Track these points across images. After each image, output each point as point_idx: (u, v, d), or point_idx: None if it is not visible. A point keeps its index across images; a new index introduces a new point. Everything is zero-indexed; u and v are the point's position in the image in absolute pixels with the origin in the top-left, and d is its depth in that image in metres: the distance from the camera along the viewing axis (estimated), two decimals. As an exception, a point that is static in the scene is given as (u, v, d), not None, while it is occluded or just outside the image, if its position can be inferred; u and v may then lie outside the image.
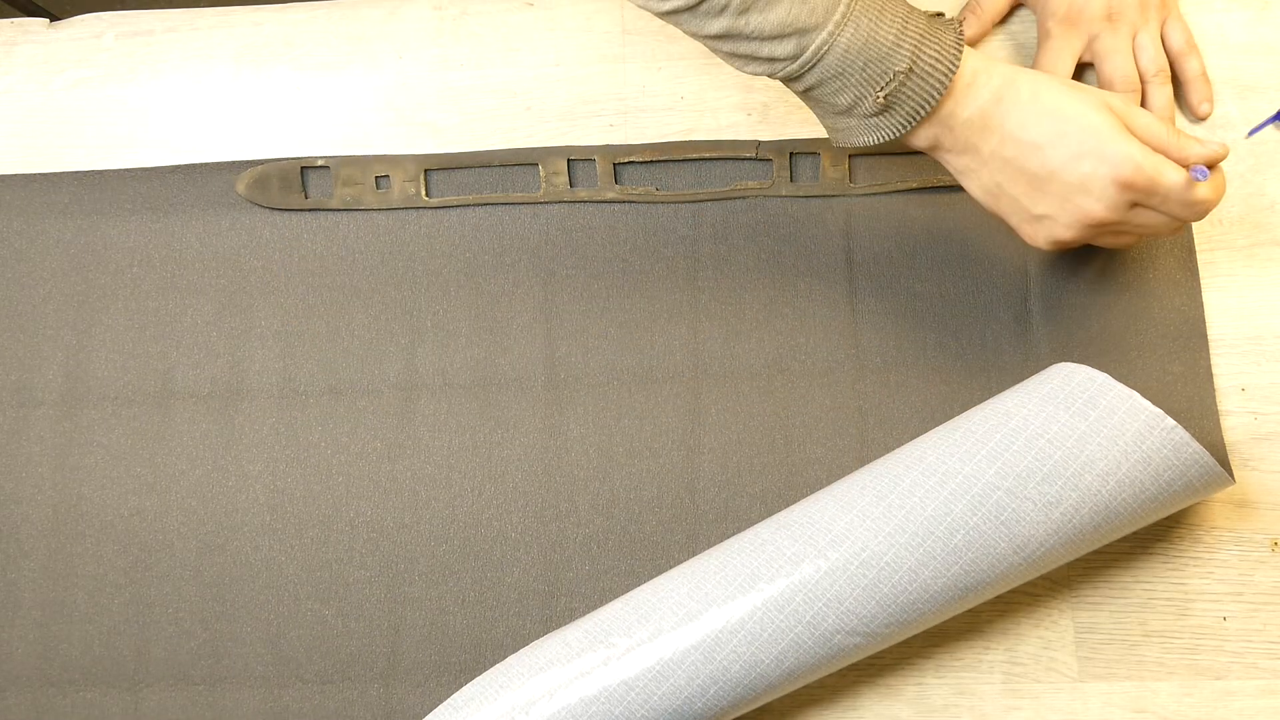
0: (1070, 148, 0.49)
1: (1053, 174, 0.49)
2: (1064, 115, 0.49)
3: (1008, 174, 0.50)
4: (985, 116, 0.50)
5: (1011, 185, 0.51)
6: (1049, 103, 0.49)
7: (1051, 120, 0.49)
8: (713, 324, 0.59)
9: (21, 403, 0.60)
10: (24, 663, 0.57)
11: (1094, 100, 0.50)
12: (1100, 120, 0.49)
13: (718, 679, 0.48)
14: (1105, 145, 0.48)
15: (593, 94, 0.63)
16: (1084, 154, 0.49)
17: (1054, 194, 0.50)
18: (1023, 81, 0.50)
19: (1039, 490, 0.47)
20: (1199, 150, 0.49)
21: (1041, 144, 0.49)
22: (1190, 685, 0.54)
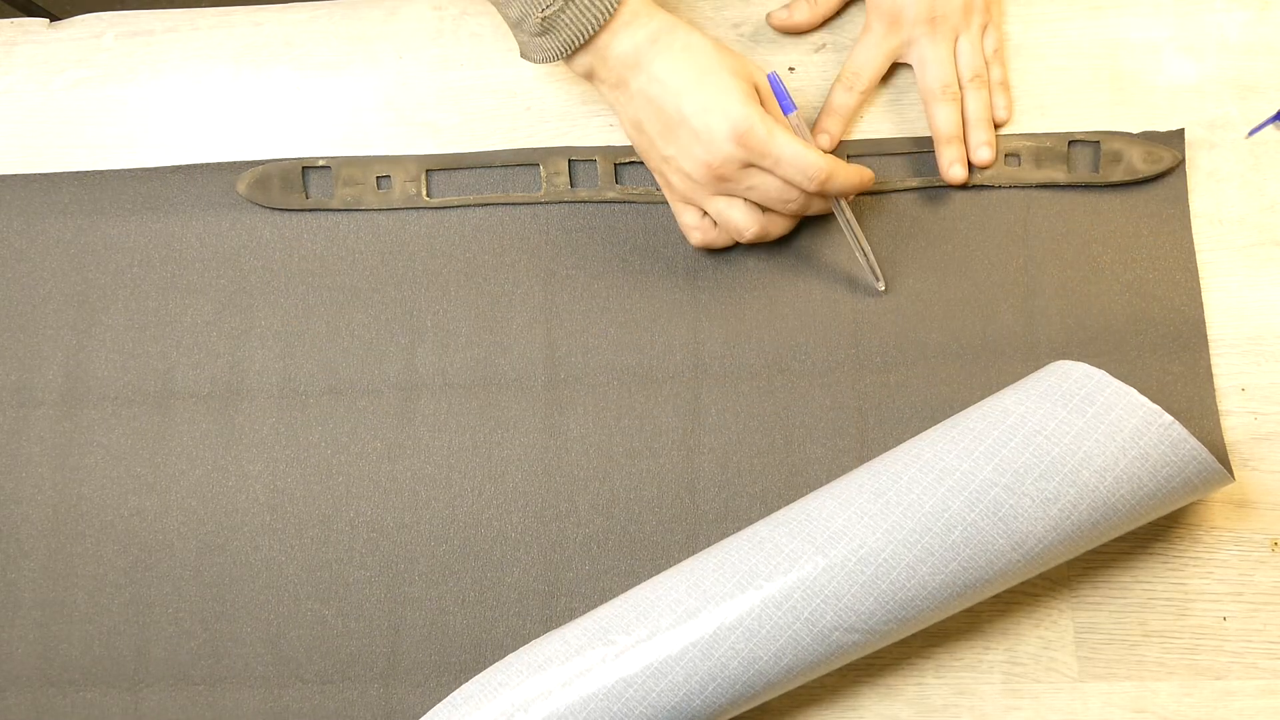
0: (702, 99, 0.53)
1: (683, 119, 0.54)
2: (706, 69, 0.54)
3: (648, 112, 0.55)
4: (638, 54, 0.54)
5: (649, 123, 0.55)
6: (697, 56, 0.54)
7: (694, 71, 0.54)
8: (713, 324, 0.59)
9: (21, 403, 0.61)
10: (24, 663, 0.58)
11: (740, 69, 0.54)
12: (736, 85, 0.53)
13: (716, 676, 0.48)
14: (731, 104, 0.53)
15: (593, 94, 0.63)
16: (711, 108, 0.53)
17: (680, 138, 0.54)
18: (680, 32, 0.55)
19: (1036, 486, 0.47)
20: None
21: (680, 90, 0.54)
22: (1190, 685, 0.54)
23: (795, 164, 0.53)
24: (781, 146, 0.53)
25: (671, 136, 0.54)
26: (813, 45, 0.63)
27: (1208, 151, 0.60)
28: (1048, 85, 0.61)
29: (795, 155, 0.53)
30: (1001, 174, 0.60)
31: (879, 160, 0.61)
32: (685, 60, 0.54)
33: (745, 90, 0.54)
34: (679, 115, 0.53)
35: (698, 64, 0.54)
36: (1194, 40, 0.61)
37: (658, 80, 0.54)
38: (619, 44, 0.54)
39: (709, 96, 0.53)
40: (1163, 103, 0.61)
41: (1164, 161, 0.59)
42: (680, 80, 0.54)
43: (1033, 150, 0.60)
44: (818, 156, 0.53)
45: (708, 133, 0.53)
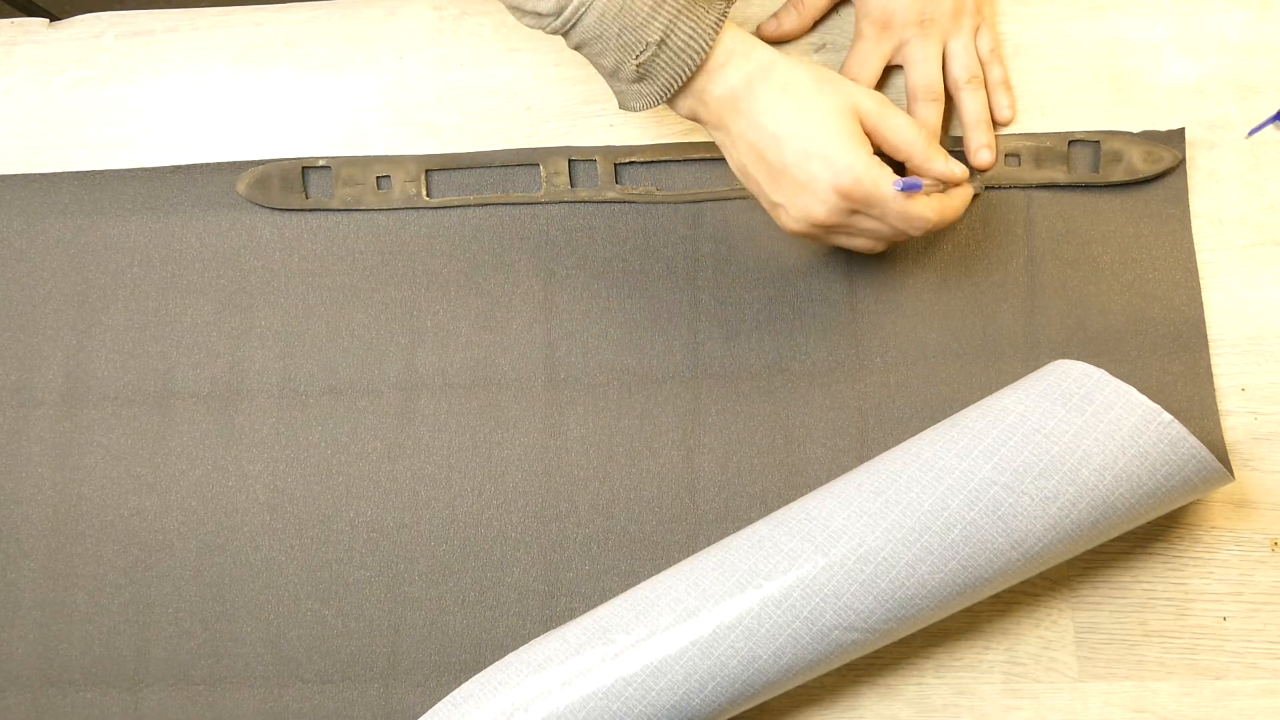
0: (802, 146, 0.51)
1: (785, 167, 0.52)
2: (804, 111, 0.51)
3: (751, 157, 0.53)
4: (735, 98, 0.52)
5: (754, 168, 0.53)
6: (795, 96, 0.52)
7: (793, 115, 0.51)
8: (713, 324, 0.59)
9: (21, 403, 0.61)
10: (24, 663, 0.58)
11: (841, 102, 0.52)
12: (838, 124, 0.51)
13: (715, 675, 0.48)
14: (832, 151, 0.51)
15: (593, 94, 0.63)
16: (813, 155, 0.51)
17: (785, 186, 0.52)
18: (777, 70, 0.52)
19: (1036, 485, 0.48)
20: (940, 166, 0.53)
21: (780, 136, 0.51)
22: (1190, 685, 0.54)
23: (902, 218, 0.52)
24: (886, 202, 0.51)
25: (777, 185, 0.53)
26: (812, 45, 0.63)
27: (1208, 151, 0.60)
28: (1048, 85, 0.61)
29: (901, 211, 0.52)
30: (1001, 174, 0.60)
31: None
32: (784, 103, 0.51)
33: (847, 131, 0.51)
34: (781, 164, 0.52)
35: (797, 105, 0.51)
36: (1194, 40, 0.61)
37: (757, 125, 0.52)
38: (716, 87, 0.52)
39: (810, 142, 0.51)
40: (1163, 103, 0.61)
41: (1164, 161, 0.59)
42: (780, 125, 0.51)
43: (1033, 150, 0.60)
44: (923, 208, 0.52)
45: (811, 183, 0.51)
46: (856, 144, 0.51)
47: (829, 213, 0.52)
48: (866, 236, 0.54)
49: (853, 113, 0.52)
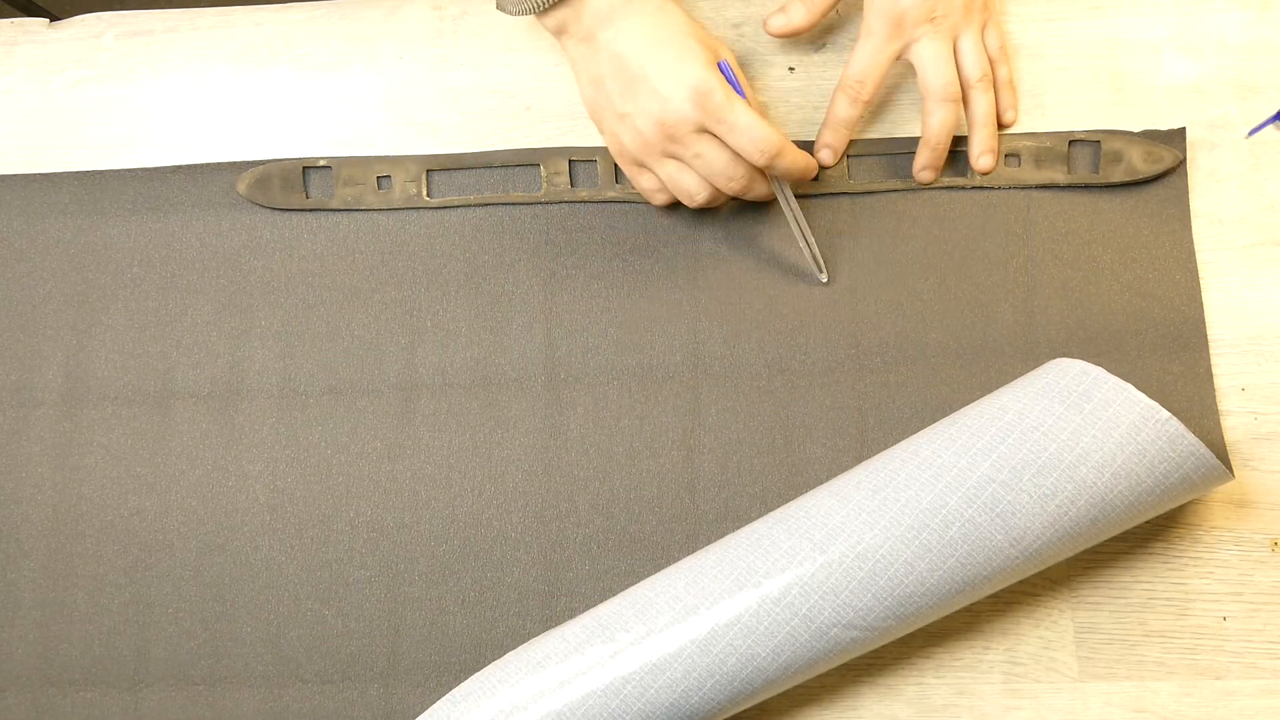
0: (668, 59, 0.54)
1: (645, 76, 0.54)
2: (675, 33, 0.55)
3: (611, 67, 0.55)
4: (612, 9, 0.55)
5: (610, 79, 0.56)
6: (668, 19, 0.55)
7: (663, 32, 0.55)
8: (713, 324, 0.60)
9: (21, 403, 0.61)
10: (24, 663, 0.58)
11: (707, 40, 0.56)
12: (702, 52, 0.55)
13: (714, 673, 0.48)
14: (695, 67, 0.54)
15: (593, 94, 0.64)
16: (674, 68, 0.54)
17: (640, 95, 0.55)
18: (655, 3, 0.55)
19: (1034, 482, 0.48)
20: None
21: (646, 48, 0.55)
22: (1190, 685, 0.54)
23: (748, 134, 0.54)
24: (737, 114, 0.54)
25: (631, 93, 0.55)
26: (813, 45, 0.64)
27: (1208, 151, 0.60)
28: (1048, 85, 0.62)
29: (749, 125, 0.54)
30: (1001, 174, 0.60)
31: (879, 160, 0.61)
32: (657, 21, 0.55)
33: (709, 58, 0.55)
34: (642, 72, 0.54)
35: (668, 26, 0.55)
36: (1194, 40, 0.62)
37: (626, 35, 0.55)
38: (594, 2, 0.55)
39: (675, 57, 0.54)
40: (1163, 103, 0.61)
41: (1164, 161, 0.59)
42: (649, 39, 0.54)
43: (1033, 150, 0.60)
44: (771, 130, 0.54)
45: (668, 90, 0.54)
46: (716, 71, 0.55)
47: (678, 120, 0.54)
48: (701, 164, 0.56)
49: (716, 54, 0.56)
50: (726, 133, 0.54)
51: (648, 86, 0.54)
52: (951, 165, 0.61)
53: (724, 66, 0.56)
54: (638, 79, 0.55)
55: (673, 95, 0.54)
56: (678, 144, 0.55)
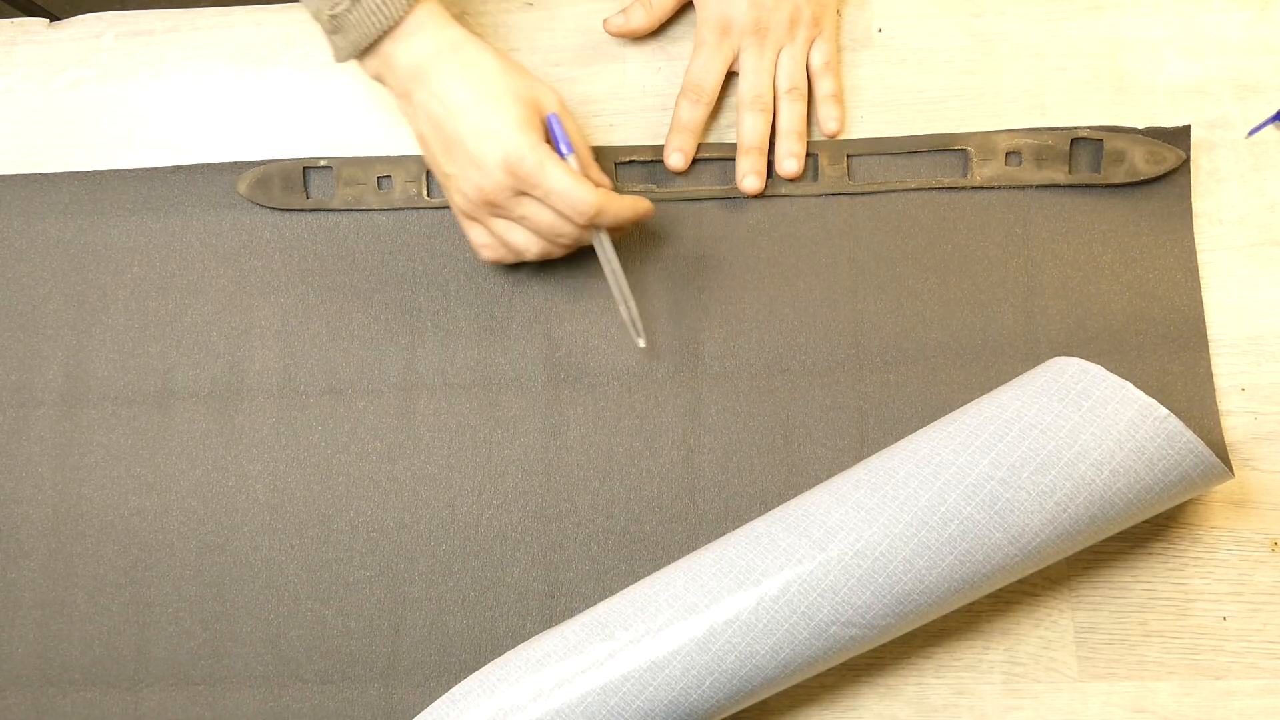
0: (478, 123, 0.53)
1: (459, 141, 0.54)
2: (487, 91, 0.54)
3: (430, 127, 0.55)
4: (420, 68, 0.54)
5: (431, 139, 0.55)
6: (480, 76, 0.54)
7: (475, 91, 0.54)
8: (713, 324, 0.60)
9: (21, 403, 0.61)
10: (24, 663, 0.58)
11: (523, 94, 0.54)
12: (515, 109, 0.53)
13: (713, 670, 0.48)
14: (506, 130, 0.53)
15: (593, 94, 0.64)
16: (485, 133, 0.53)
17: (457, 159, 0.54)
18: (468, 49, 0.54)
19: (1033, 480, 0.48)
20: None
21: (458, 110, 0.53)
22: (1190, 685, 0.55)
23: (564, 198, 0.53)
24: (552, 179, 0.53)
25: (450, 156, 0.54)
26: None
27: (1208, 151, 0.60)
28: (1048, 85, 0.62)
29: (565, 189, 0.53)
30: (1002, 174, 0.60)
31: (879, 160, 0.62)
32: (467, 79, 0.54)
33: (523, 117, 0.54)
34: (455, 136, 0.54)
35: (480, 84, 0.54)
36: (1194, 40, 0.62)
37: (438, 97, 0.54)
38: (403, 54, 0.54)
39: (485, 120, 0.53)
40: (1163, 102, 0.61)
41: (1167, 162, 0.59)
42: (460, 99, 0.53)
43: (1034, 148, 0.60)
44: (588, 192, 0.53)
45: (481, 158, 0.53)
46: (528, 128, 0.53)
47: (495, 187, 0.53)
48: (529, 225, 0.55)
49: (532, 103, 0.55)
50: (544, 197, 0.54)
51: (463, 151, 0.54)
52: (949, 165, 0.61)
53: (552, 121, 0.56)
54: (453, 143, 0.54)
55: (485, 163, 0.53)
56: (500, 208, 0.55)
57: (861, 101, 0.63)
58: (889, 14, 0.64)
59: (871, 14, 0.64)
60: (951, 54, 0.63)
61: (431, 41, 0.54)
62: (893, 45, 0.63)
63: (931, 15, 0.63)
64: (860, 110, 0.63)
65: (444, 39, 0.54)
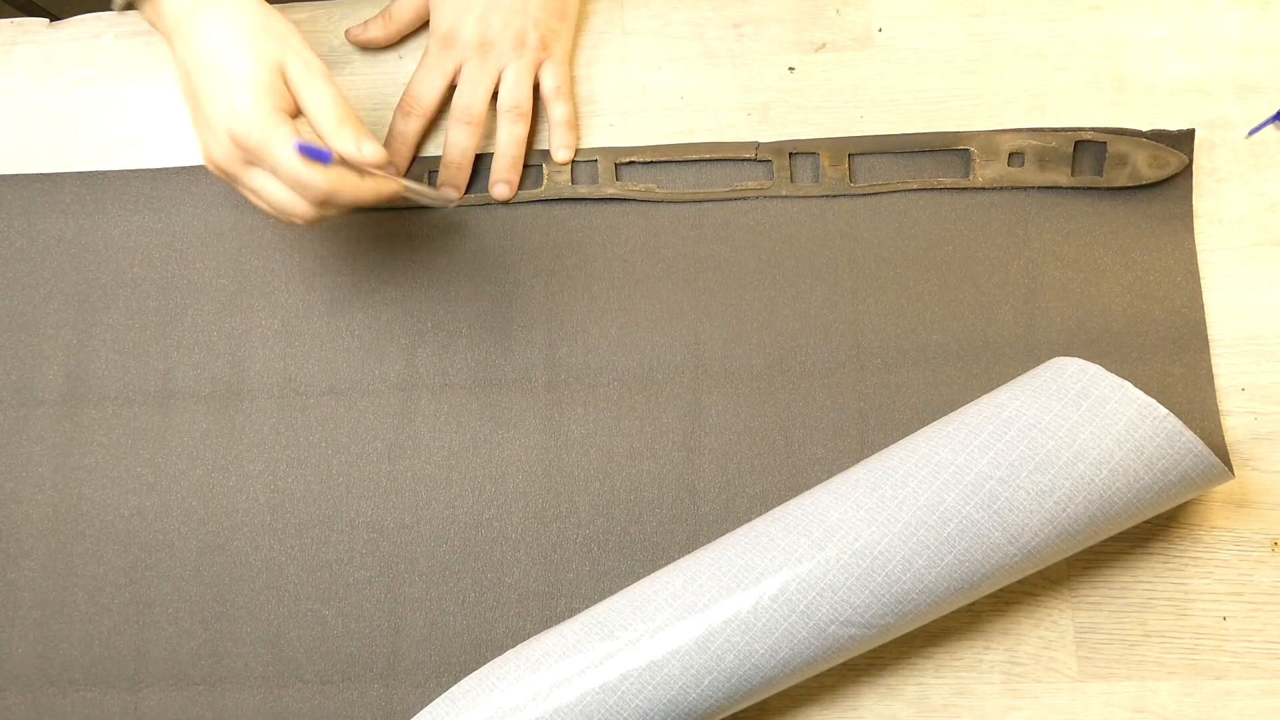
0: (215, 84, 0.51)
1: (199, 99, 0.52)
2: (232, 51, 0.51)
3: (183, 80, 0.53)
4: (180, 19, 0.52)
5: (183, 91, 0.54)
6: (231, 34, 0.51)
7: (220, 51, 0.51)
8: (713, 324, 0.60)
9: (21, 403, 0.61)
10: (24, 663, 0.58)
11: (270, 54, 0.51)
12: (256, 73, 0.51)
13: (711, 669, 0.48)
14: (238, 96, 0.50)
15: (593, 94, 0.64)
16: (220, 96, 0.51)
17: (197, 118, 0.53)
18: (227, 5, 0.52)
19: (1031, 479, 0.48)
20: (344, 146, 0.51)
21: (202, 67, 0.51)
22: (1190, 685, 0.55)
23: (292, 176, 0.50)
24: (278, 157, 0.50)
25: (193, 113, 0.53)
26: (813, 45, 0.64)
27: (1208, 151, 0.61)
28: (1048, 85, 0.62)
29: (291, 167, 0.50)
30: (1004, 175, 0.61)
31: (879, 159, 0.62)
32: (218, 36, 0.51)
33: (262, 81, 0.51)
34: (194, 94, 0.52)
35: (226, 42, 0.51)
36: (1194, 40, 0.62)
37: (189, 50, 0.52)
38: (169, 5, 0.53)
39: (220, 81, 0.51)
40: (1163, 102, 0.62)
41: (1170, 167, 0.59)
42: (203, 57, 0.51)
43: (1037, 150, 0.61)
44: (316, 173, 0.50)
45: (212, 121, 0.51)
46: (263, 95, 0.50)
47: (224, 155, 0.51)
48: (263, 195, 0.52)
49: (277, 68, 0.52)
50: (273, 172, 0.51)
51: (199, 112, 0.52)
52: (951, 166, 0.62)
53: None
54: (194, 101, 0.52)
55: (215, 128, 0.51)
56: (233, 176, 0.53)
57: (861, 101, 0.63)
58: (889, 14, 0.64)
59: (871, 14, 0.64)
60: (951, 54, 0.63)
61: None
62: (893, 45, 0.64)
63: (931, 15, 0.64)
64: (860, 110, 0.63)
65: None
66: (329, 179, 0.51)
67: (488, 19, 0.61)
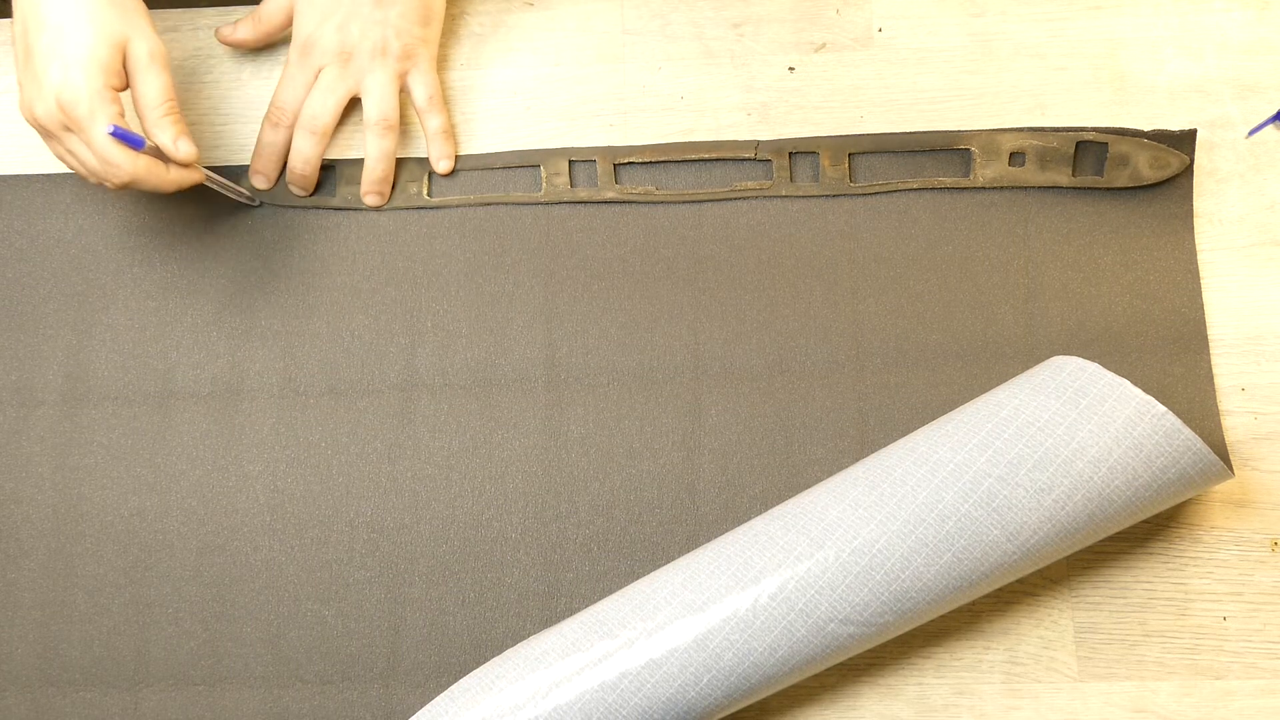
0: (52, 46, 0.52)
1: (32, 55, 0.53)
2: (75, 19, 0.52)
3: (18, 30, 0.54)
4: None
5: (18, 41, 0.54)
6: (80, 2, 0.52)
7: (63, 15, 0.52)
8: (713, 324, 0.60)
9: (21, 403, 0.62)
10: (24, 663, 0.59)
11: (116, 31, 0.53)
12: (97, 47, 0.52)
13: (710, 667, 0.49)
14: (73, 65, 0.52)
15: (593, 94, 0.64)
16: (55, 60, 0.52)
17: (26, 71, 0.53)
18: None
19: (1030, 477, 0.48)
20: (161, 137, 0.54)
21: (41, 25, 0.52)
22: (1190, 685, 0.55)
23: (103, 155, 0.53)
24: (96, 135, 0.52)
25: (23, 65, 0.54)
26: (813, 45, 0.65)
27: (1208, 151, 0.61)
28: (1048, 85, 0.63)
29: (104, 148, 0.53)
30: (1004, 175, 0.61)
31: (879, 159, 0.62)
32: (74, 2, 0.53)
33: (99, 57, 0.52)
34: (30, 49, 0.53)
35: (76, 9, 0.52)
36: (1194, 40, 0.62)
37: (35, 4, 0.53)
38: None
39: (60, 45, 0.52)
40: (1163, 102, 0.62)
41: (1171, 168, 0.59)
42: (50, 17, 0.53)
43: (1038, 150, 0.61)
44: (125, 160, 0.53)
45: (42, 79, 0.52)
46: (97, 72, 0.52)
47: (46, 115, 0.53)
48: (76, 158, 0.55)
49: (118, 46, 0.53)
50: (87, 144, 0.53)
51: (31, 67, 0.53)
52: (952, 166, 0.62)
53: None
54: (28, 54, 0.53)
55: (43, 87, 0.52)
56: (52, 135, 0.54)
57: (861, 101, 0.63)
58: (889, 14, 0.64)
59: (871, 14, 0.64)
60: (951, 54, 0.63)
61: None
62: (893, 45, 0.64)
63: (931, 15, 0.64)
64: (860, 110, 0.63)
65: None
66: (136, 167, 0.54)
67: (347, 27, 0.61)
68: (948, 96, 0.63)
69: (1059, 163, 0.61)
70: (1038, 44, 0.63)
